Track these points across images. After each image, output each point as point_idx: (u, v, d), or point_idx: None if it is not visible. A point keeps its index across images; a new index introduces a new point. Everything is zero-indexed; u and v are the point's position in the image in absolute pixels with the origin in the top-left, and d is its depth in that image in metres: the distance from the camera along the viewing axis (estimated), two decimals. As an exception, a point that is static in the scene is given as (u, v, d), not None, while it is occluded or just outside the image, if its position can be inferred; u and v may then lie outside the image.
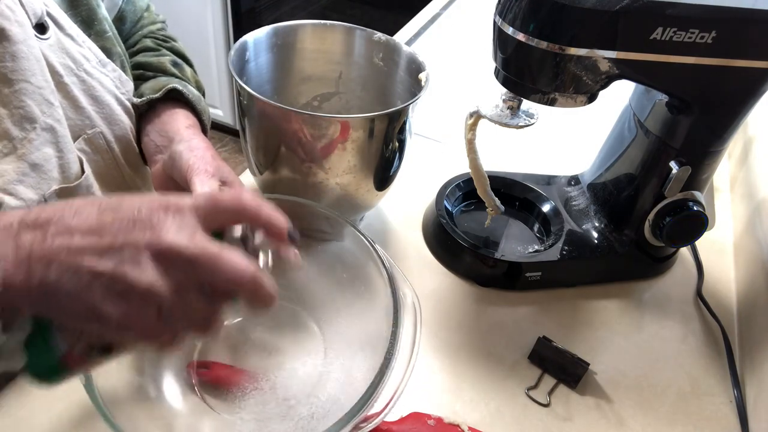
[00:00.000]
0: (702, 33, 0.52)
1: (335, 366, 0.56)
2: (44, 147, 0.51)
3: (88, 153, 0.57)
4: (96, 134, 0.57)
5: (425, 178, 0.81)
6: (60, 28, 0.54)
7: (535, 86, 0.57)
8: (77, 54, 0.55)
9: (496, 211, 0.71)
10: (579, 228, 0.72)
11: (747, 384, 0.61)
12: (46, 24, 0.52)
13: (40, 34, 0.51)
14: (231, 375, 0.55)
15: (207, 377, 0.54)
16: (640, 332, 0.66)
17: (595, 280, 0.71)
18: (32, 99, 0.50)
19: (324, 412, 0.52)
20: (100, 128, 0.57)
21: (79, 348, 0.35)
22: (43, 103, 0.50)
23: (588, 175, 0.76)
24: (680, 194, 0.64)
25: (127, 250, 0.31)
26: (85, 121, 0.56)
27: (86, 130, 0.56)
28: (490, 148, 0.71)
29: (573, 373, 0.59)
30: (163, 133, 0.60)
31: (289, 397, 0.54)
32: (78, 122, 0.55)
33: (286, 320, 0.59)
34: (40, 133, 0.50)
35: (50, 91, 0.51)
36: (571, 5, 0.50)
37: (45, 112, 0.51)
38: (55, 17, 0.54)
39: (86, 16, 0.58)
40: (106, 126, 0.57)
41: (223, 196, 0.35)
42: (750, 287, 0.70)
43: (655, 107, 0.63)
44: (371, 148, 0.62)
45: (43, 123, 0.50)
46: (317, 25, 0.72)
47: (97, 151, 0.57)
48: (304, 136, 0.60)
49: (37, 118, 0.50)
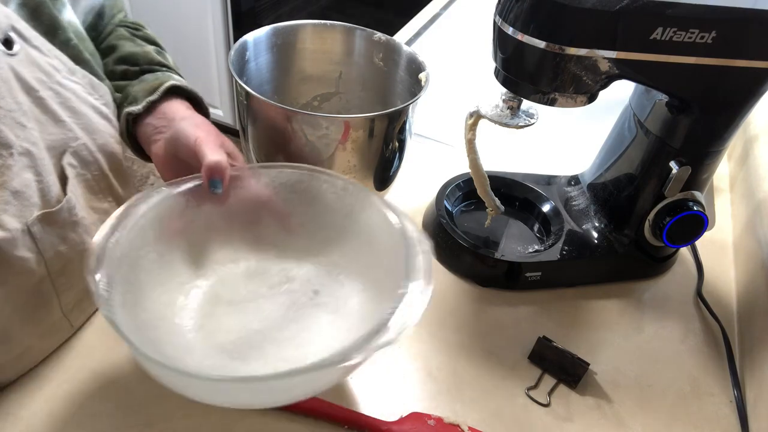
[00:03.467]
0: (702, 33, 0.52)
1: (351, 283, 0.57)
2: (23, 173, 0.49)
3: (77, 167, 0.55)
4: (80, 146, 0.54)
5: (425, 178, 0.81)
6: (26, 41, 0.51)
7: (535, 86, 0.57)
8: (47, 66, 0.52)
9: (496, 211, 0.71)
10: (579, 228, 0.72)
11: (747, 384, 0.61)
12: (11, 39, 0.49)
13: (6, 50, 0.48)
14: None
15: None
16: (640, 332, 0.66)
17: (595, 280, 0.71)
18: (4, 123, 0.47)
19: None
20: (83, 140, 0.55)
21: None
22: (16, 126, 0.48)
23: (588, 175, 0.76)
24: (680, 194, 0.64)
25: None
26: (68, 133, 0.53)
27: (71, 144, 0.54)
28: (490, 148, 0.71)
29: (573, 373, 0.59)
30: (161, 115, 0.59)
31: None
32: (61, 136, 0.53)
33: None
34: (17, 159, 0.48)
35: (21, 113, 0.49)
36: (571, 5, 0.50)
37: (19, 135, 0.48)
38: (19, 30, 0.51)
39: (49, 24, 0.55)
40: (87, 137, 0.55)
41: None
42: (750, 287, 0.70)
43: (655, 107, 0.63)
44: (371, 148, 0.62)
45: (19, 147, 0.48)
46: (317, 25, 0.72)
47: (85, 164, 0.56)
48: (304, 136, 0.60)
49: (12, 143, 0.47)
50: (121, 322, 0.43)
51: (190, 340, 0.52)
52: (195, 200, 0.55)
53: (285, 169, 0.58)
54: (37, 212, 0.50)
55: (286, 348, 0.53)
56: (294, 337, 0.54)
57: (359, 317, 0.53)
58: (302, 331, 0.54)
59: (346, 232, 0.58)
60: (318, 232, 0.59)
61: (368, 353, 0.42)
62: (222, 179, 0.53)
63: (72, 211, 0.54)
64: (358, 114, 0.63)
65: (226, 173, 0.53)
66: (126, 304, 0.47)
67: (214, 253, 0.58)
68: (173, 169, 0.57)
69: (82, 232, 0.55)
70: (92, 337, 0.59)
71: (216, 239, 0.58)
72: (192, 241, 0.57)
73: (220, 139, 0.55)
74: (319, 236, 0.59)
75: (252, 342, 0.53)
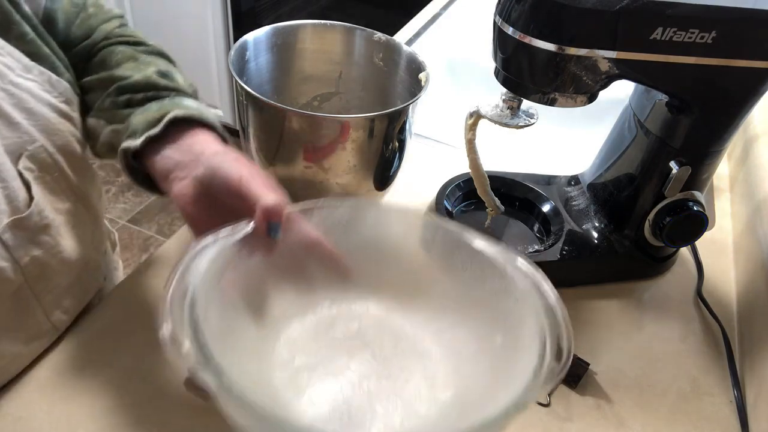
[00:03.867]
0: (702, 33, 0.52)
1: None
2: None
3: (34, 171, 0.52)
4: (38, 149, 0.52)
5: (425, 178, 0.81)
6: None
7: (535, 86, 0.57)
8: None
9: (496, 211, 0.71)
10: (579, 228, 0.72)
11: (747, 384, 0.61)
12: None
13: None
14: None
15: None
16: (640, 332, 0.66)
17: (595, 280, 0.71)
18: None
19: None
20: (41, 141, 0.52)
21: None
22: None
23: (588, 175, 0.76)
24: (680, 194, 0.64)
25: None
26: (23, 137, 0.50)
27: (27, 147, 0.51)
28: (490, 148, 0.71)
29: (573, 373, 0.59)
30: (186, 148, 0.52)
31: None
32: (16, 140, 0.50)
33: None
34: None
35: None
36: (571, 5, 0.50)
37: None
38: None
39: (2, 20, 0.51)
40: (45, 138, 0.52)
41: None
42: (750, 287, 0.70)
43: (655, 107, 0.63)
44: (371, 148, 0.62)
45: None
46: (317, 25, 0.72)
47: (43, 168, 0.53)
48: (304, 136, 0.60)
49: None
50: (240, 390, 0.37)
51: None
52: (246, 250, 0.47)
53: (333, 207, 0.51)
54: (6, 219, 0.49)
55: (393, 413, 0.46)
56: (394, 395, 0.47)
57: (461, 355, 0.48)
58: (401, 386, 0.48)
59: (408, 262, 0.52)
60: (374, 269, 0.52)
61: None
62: (281, 222, 0.46)
63: (42, 214, 0.52)
64: (358, 114, 0.63)
65: (284, 215, 0.46)
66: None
67: (271, 310, 0.50)
68: (205, 210, 0.49)
69: (55, 234, 0.54)
70: (88, 338, 0.59)
71: (270, 293, 0.51)
72: (249, 298, 0.49)
73: (266, 177, 0.48)
74: (376, 274, 0.53)
75: (352, 413, 0.46)
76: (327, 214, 0.51)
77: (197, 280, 0.42)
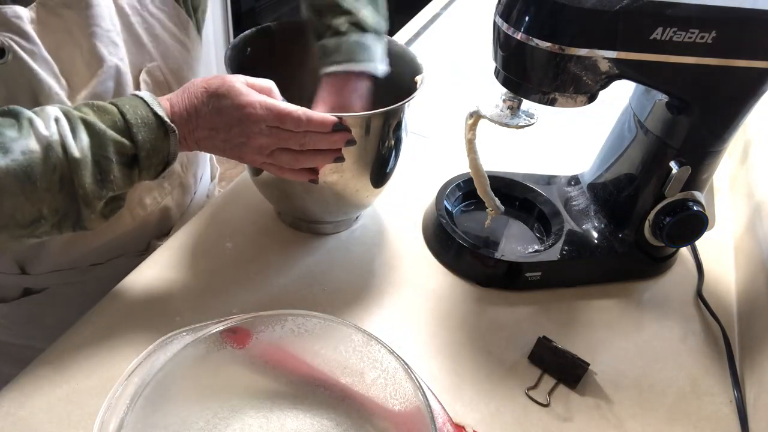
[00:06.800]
0: (702, 33, 0.52)
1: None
2: (107, 81, 0.59)
3: (149, 84, 0.64)
4: (153, 67, 0.64)
5: (425, 178, 0.81)
6: None
7: (535, 86, 0.57)
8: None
9: (496, 211, 0.71)
10: (579, 228, 0.72)
11: (747, 384, 0.61)
12: None
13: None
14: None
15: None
16: (640, 332, 0.66)
17: (595, 280, 0.71)
18: (101, 42, 0.57)
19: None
20: (158, 62, 0.64)
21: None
22: (110, 44, 0.58)
23: (588, 175, 0.76)
24: (680, 194, 0.64)
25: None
26: (145, 56, 0.63)
27: (146, 63, 0.63)
28: (490, 148, 0.72)
29: (573, 373, 0.59)
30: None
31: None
32: (139, 57, 0.62)
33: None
34: (106, 70, 0.58)
35: (116, 33, 0.59)
36: (571, 5, 0.50)
37: (111, 52, 0.58)
38: None
39: None
40: (161, 60, 0.64)
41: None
42: (750, 287, 0.70)
43: (655, 107, 0.63)
44: (367, 147, 0.62)
45: (110, 62, 0.58)
46: (317, 25, 0.72)
47: (156, 83, 0.64)
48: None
49: (104, 58, 0.58)
50: None
51: None
52: (215, 346, 0.51)
53: (304, 318, 0.53)
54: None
55: None
56: None
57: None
58: None
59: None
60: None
61: None
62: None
63: None
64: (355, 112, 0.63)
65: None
66: None
67: (229, 400, 0.53)
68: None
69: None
70: (88, 338, 0.59)
71: (233, 386, 0.54)
72: (214, 388, 0.53)
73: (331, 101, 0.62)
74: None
75: None
76: (301, 322, 0.53)
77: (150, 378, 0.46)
